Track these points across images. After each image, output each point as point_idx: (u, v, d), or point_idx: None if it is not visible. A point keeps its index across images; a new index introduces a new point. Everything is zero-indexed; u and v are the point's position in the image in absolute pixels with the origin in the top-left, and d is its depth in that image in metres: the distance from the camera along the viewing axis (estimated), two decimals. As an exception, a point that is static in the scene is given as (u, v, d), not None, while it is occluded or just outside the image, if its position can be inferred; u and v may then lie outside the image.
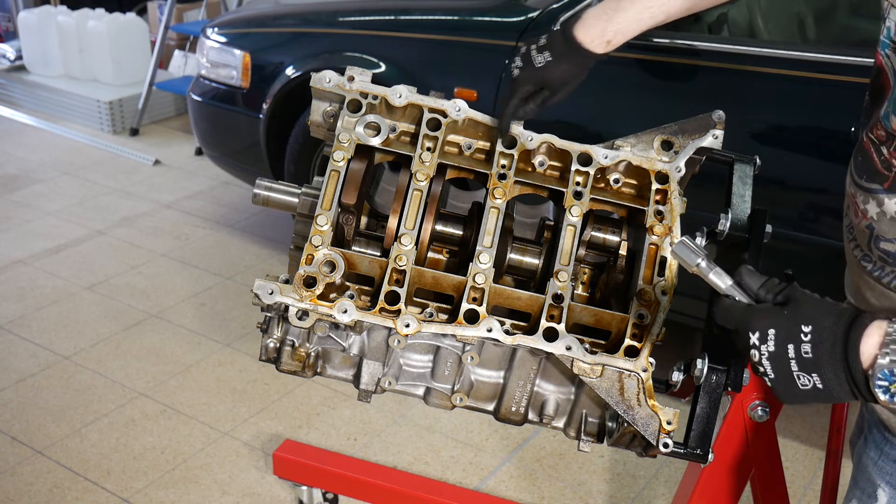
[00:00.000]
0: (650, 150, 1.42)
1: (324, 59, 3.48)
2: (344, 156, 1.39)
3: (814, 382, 0.97)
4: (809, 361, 0.97)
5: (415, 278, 1.35)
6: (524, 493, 2.75)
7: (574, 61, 1.37)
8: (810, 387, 0.97)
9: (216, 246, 4.22)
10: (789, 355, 0.97)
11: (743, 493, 1.78)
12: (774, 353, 0.98)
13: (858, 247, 1.29)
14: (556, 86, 1.39)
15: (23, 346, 3.40)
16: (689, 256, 1.07)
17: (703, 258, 1.06)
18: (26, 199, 4.69)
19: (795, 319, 0.98)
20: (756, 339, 0.99)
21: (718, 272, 1.06)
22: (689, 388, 1.36)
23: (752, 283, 1.05)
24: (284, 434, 2.95)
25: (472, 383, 1.44)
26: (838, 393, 0.97)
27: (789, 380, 0.98)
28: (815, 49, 2.81)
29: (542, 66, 1.37)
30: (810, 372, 0.97)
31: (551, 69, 1.37)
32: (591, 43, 1.36)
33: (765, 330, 0.99)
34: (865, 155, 1.26)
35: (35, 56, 6.05)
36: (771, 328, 0.98)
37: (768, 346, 0.98)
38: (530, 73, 1.38)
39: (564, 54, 1.37)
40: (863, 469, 1.36)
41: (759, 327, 0.99)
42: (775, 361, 0.98)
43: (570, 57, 1.37)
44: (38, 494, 2.68)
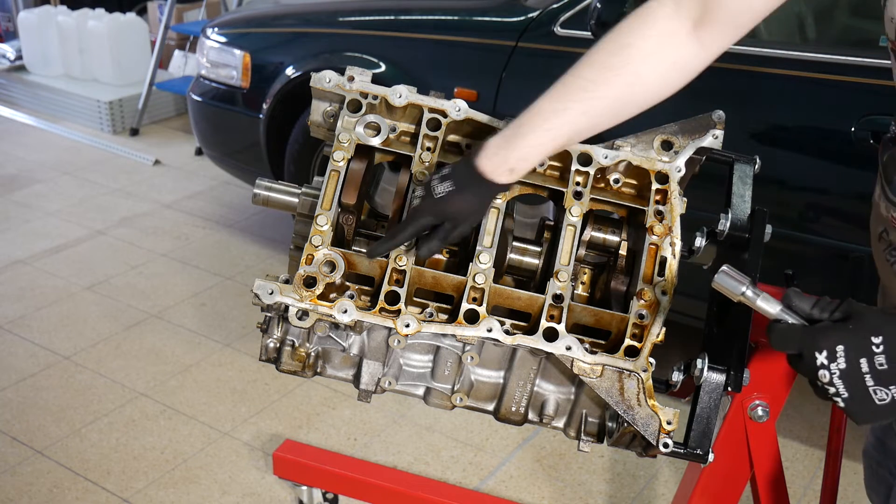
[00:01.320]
0: (650, 150, 1.42)
1: (324, 59, 3.48)
2: (344, 156, 1.39)
3: (892, 395, 0.93)
4: (885, 373, 0.93)
5: (415, 278, 1.35)
6: (524, 493, 2.75)
7: (476, 192, 1.28)
8: (888, 400, 0.94)
9: (216, 246, 4.22)
10: (863, 370, 0.93)
11: (743, 493, 1.78)
12: (846, 370, 0.94)
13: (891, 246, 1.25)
14: (458, 218, 1.29)
15: (23, 346, 3.40)
16: (732, 286, 1.03)
17: (747, 286, 1.03)
18: (26, 199, 4.69)
19: (863, 332, 0.94)
20: (824, 358, 0.94)
21: (766, 297, 1.02)
22: (689, 388, 1.36)
23: (803, 304, 1.00)
24: (284, 434, 2.95)
25: (472, 383, 1.44)
26: None
27: (865, 396, 0.94)
28: (815, 49, 2.81)
29: (442, 196, 1.27)
30: (887, 384, 0.93)
31: (452, 200, 1.27)
32: (492, 173, 1.26)
33: (832, 347, 0.94)
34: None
35: (35, 56, 6.05)
36: (839, 344, 0.94)
37: (839, 364, 0.94)
38: (430, 204, 1.28)
39: (467, 185, 1.27)
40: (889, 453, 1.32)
41: (825, 346, 0.94)
42: (848, 379, 0.94)
43: (473, 188, 1.27)
44: (38, 494, 2.68)
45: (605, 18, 2.77)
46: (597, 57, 1.25)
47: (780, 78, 2.71)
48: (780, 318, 1.00)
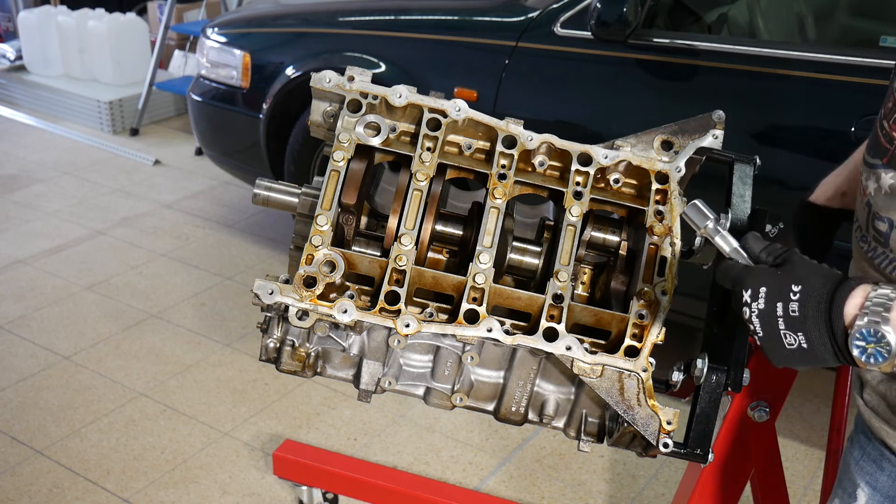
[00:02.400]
0: (650, 150, 1.42)
1: (324, 59, 3.48)
2: (344, 156, 1.39)
3: (799, 342, 0.99)
4: (796, 320, 0.99)
5: (415, 278, 1.35)
6: (524, 493, 2.75)
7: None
8: (796, 346, 1.00)
9: (216, 246, 4.22)
10: (777, 313, 1.00)
11: (743, 493, 1.78)
12: (764, 310, 1.01)
13: (859, 227, 1.29)
14: None
15: (23, 346, 3.40)
16: (698, 218, 1.11)
17: (711, 220, 1.10)
18: (26, 199, 4.69)
19: (787, 279, 1.00)
20: (748, 296, 1.02)
21: (724, 235, 1.10)
22: (689, 388, 1.36)
23: (755, 246, 1.08)
24: (284, 434, 2.95)
25: (472, 383, 1.44)
26: (822, 353, 0.99)
27: (777, 338, 1.00)
28: (815, 49, 2.81)
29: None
30: (796, 331, 0.99)
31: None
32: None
33: (757, 288, 1.01)
34: (874, 133, 1.27)
35: (35, 56, 6.05)
36: (763, 286, 1.01)
37: (759, 304, 1.01)
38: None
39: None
40: (846, 469, 1.37)
41: (751, 285, 1.02)
42: (764, 319, 1.01)
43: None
44: (38, 494, 2.68)
45: (605, 18, 2.78)
46: None
47: (780, 78, 2.71)
48: (732, 257, 1.09)
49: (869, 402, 1.31)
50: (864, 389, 1.33)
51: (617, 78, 2.96)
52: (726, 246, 1.10)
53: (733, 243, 1.09)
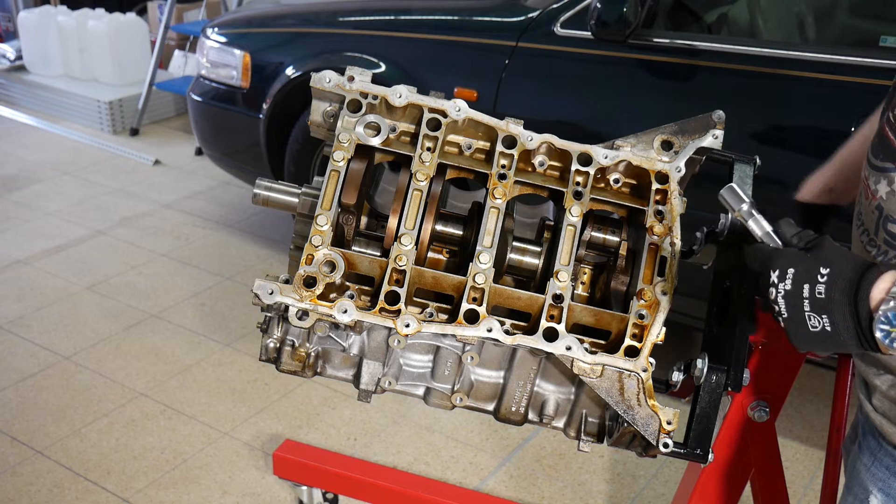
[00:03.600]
0: (650, 150, 1.42)
1: (324, 59, 3.48)
2: (344, 156, 1.39)
3: (823, 324, 0.99)
4: (822, 302, 0.99)
5: (415, 278, 1.35)
6: (524, 493, 2.75)
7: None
8: (819, 329, 0.99)
9: (216, 246, 4.22)
10: (804, 294, 1.00)
11: (743, 493, 1.78)
12: (790, 291, 1.01)
13: (866, 231, 1.29)
14: None
15: (23, 346, 3.40)
16: (734, 201, 1.12)
17: (747, 203, 1.12)
18: (26, 199, 4.69)
19: (816, 262, 1.01)
20: (776, 277, 1.02)
21: (758, 219, 1.11)
22: (689, 388, 1.36)
23: (787, 231, 1.09)
24: (284, 434, 2.95)
25: (472, 383, 1.44)
26: (845, 337, 0.98)
27: (800, 320, 1.00)
28: (815, 49, 2.81)
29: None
30: (821, 313, 0.99)
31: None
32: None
33: (784, 269, 1.02)
34: (883, 136, 1.26)
35: (35, 56, 6.05)
36: (791, 267, 1.01)
37: (785, 285, 1.01)
38: None
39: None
40: (856, 475, 1.36)
41: (780, 266, 1.02)
42: (790, 300, 1.01)
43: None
44: (38, 494, 2.68)
45: (605, 18, 2.78)
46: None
47: (780, 78, 2.71)
48: (763, 240, 1.10)
49: (879, 407, 1.30)
50: (872, 395, 1.32)
51: (617, 78, 2.96)
52: (759, 230, 1.11)
53: (766, 227, 1.11)
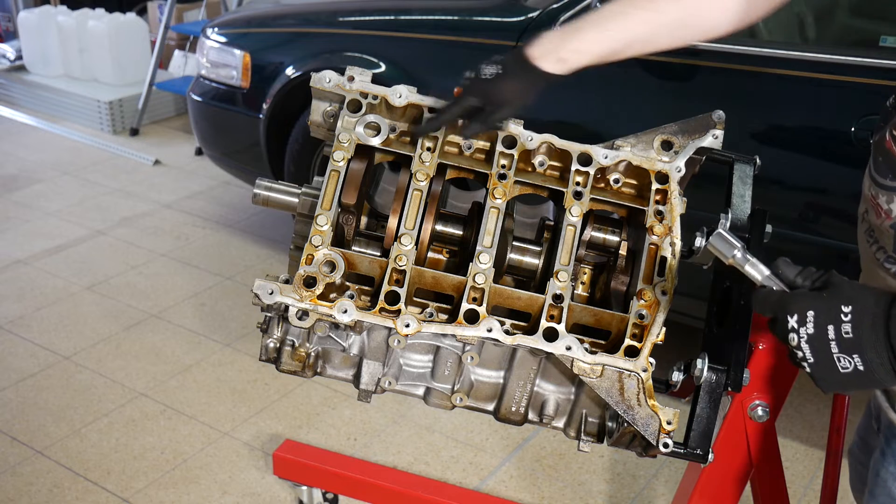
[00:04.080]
0: (650, 150, 1.42)
1: (324, 59, 3.48)
2: (344, 156, 1.39)
3: (854, 364, 0.95)
4: (850, 342, 0.94)
5: (415, 278, 1.35)
6: (524, 493, 2.75)
7: (522, 77, 1.29)
8: (851, 369, 0.95)
9: (216, 246, 4.22)
10: (829, 336, 0.95)
11: (743, 493, 1.78)
12: (814, 335, 0.96)
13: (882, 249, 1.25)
14: (501, 100, 1.31)
15: (23, 346, 3.40)
16: (725, 248, 1.08)
17: (739, 249, 1.07)
18: (26, 199, 4.69)
19: (835, 300, 0.96)
20: (795, 322, 0.97)
21: (754, 263, 1.06)
22: (689, 388, 1.36)
23: (788, 272, 1.04)
24: (284, 434, 2.95)
25: (472, 383, 1.45)
26: (881, 375, 0.94)
27: (829, 363, 0.96)
28: (815, 49, 2.81)
29: (487, 78, 1.30)
30: (851, 353, 0.95)
31: (497, 83, 1.30)
32: (540, 58, 1.28)
33: (803, 312, 0.97)
34: (888, 154, 1.22)
35: (35, 56, 6.05)
36: (810, 310, 0.97)
37: (807, 329, 0.97)
38: (475, 84, 1.31)
39: (513, 69, 1.30)
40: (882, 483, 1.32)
41: (797, 310, 0.97)
42: (815, 344, 0.96)
43: (519, 72, 1.29)
44: (38, 494, 2.68)
45: (605, 18, 2.77)
46: None
47: (780, 78, 2.71)
48: (766, 284, 1.04)
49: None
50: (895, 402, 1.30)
51: (617, 78, 2.96)
52: (758, 274, 1.05)
53: (765, 271, 1.05)
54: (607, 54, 1.31)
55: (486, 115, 1.32)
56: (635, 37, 1.29)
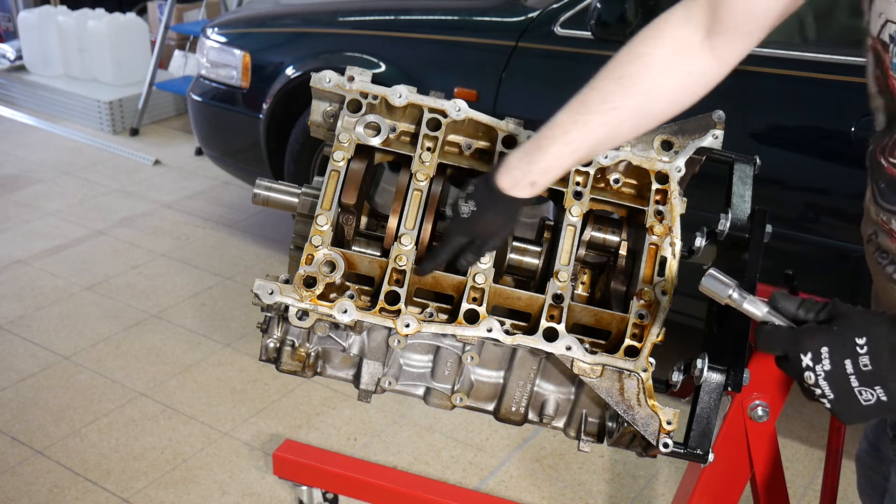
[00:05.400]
0: (650, 150, 1.42)
1: (324, 59, 3.48)
2: (344, 156, 1.39)
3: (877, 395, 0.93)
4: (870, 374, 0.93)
5: (415, 278, 1.35)
6: (524, 493, 2.75)
7: (499, 209, 1.28)
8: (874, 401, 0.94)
9: (216, 246, 4.22)
10: (847, 371, 0.93)
11: (743, 493, 1.78)
12: (831, 371, 0.94)
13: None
14: (485, 235, 1.30)
15: (23, 346, 3.40)
16: (719, 289, 1.04)
17: (734, 289, 1.04)
18: (26, 199, 4.69)
19: (847, 333, 0.94)
20: (809, 360, 0.95)
21: (752, 300, 1.03)
22: (689, 388, 1.36)
23: (788, 306, 1.01)
24: (284, 434, 2.95)
25: (472, 383, 1.45)
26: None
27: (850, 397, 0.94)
28: (815, 49, 2.81)
29: (467, 216, 1.29)
30: (872, 385, 0.93)
31: (477, 219, 1.29)
32: (512, 188, 1.26)
33: (818, 349, 0.95)
34: (890, 180, 1.18)
35: (35, 56, 6.05)
36: (824, 346, 0.94)
37: (823, 366, 0.94)
38: (458, 225, 1.31)
39: (488, 204, 1.28)
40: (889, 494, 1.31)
41: (811, 347, 0.95)
42: (834, 380, 0.94)
43: (495, 206, 1.28)
44: (38, 494, 2.68)
45: (605, 18, 2.77)
46: (613, 67, 1.24)
47: (780, 78, 2.71)
48: (767, 320, 1.01)
49: None
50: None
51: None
52: (758, 311, 1.02)
53: (764, 308, 1.02)
54: (573, 164, 1.28)
55: (478, 247, 1.32)
56: (598, 140, 1.25)
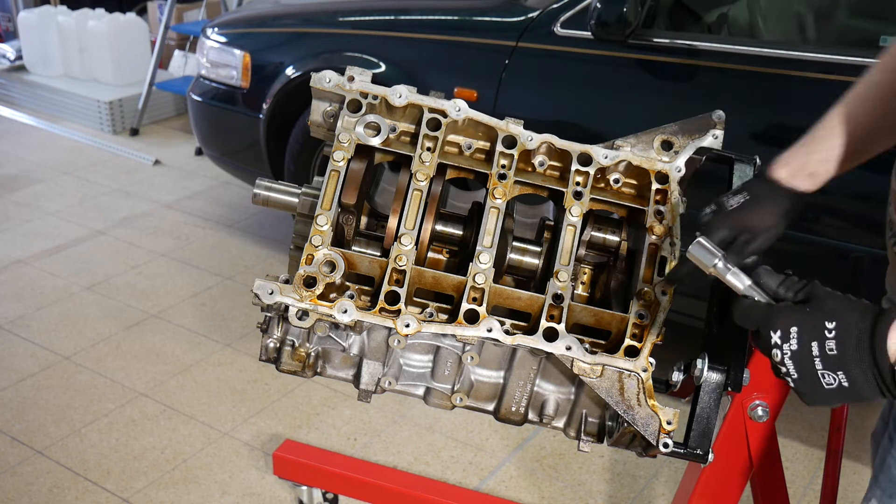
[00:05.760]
0: (650, 150, 1.42)
1: (324, 59, 3.48)
2: (344, 156, 1.39)
3: (839, 381, 0.95)
4: (834, 358, 0.94)
5: (415, 278, 1.35)
6: (524, 493, 2.75)
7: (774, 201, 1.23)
8: (836, 385, 0.95)
9: (216, 246, 4.22)
10: (813, 353, 0.95)
11: (743, 493, 1.78)
12: (798, 351, 0.96)
13: None
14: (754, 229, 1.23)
15: (23, 346, 3.40)
16: (705, 257, 1.06)
17: (720, 259, 1.05)
18: (26, 199, 4.69)
19: (818, 316, 0.96)
20: (778, 337, 0.97)
21: (736, 273, 1.05)
22: (689, 388, 1.36)
23: (770, 282, 1.03)
24: (284, 434, 2.95)
25: (472, 383, 1.44)
26: (865, 391, 0.94)
27: (814, 379, 0.96)
28: (815, 49, 2.81)
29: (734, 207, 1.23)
30: (835, 370, 0.94)
31: (747, 211, 1.23)
32: (790, 179, 1.23)
33: (787, 328, 0.97)
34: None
35: (35, 56, 6.05)
36: (793, 326, 0.96)
37: (791, 345, 0.96)
38: (723, 218, 1.23)
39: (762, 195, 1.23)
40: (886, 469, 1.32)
41: (780, 326, 0.97)
42: (799, 360, 0.96)
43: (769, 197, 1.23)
44: (38, 494, 2.68)
45: (605, 18, 2.78)
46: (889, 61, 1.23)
47: (780, 78, 2.71)
48: (748, 294, 1.03)
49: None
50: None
51: (617, 78, 2.96)
52: (739, 284, 1.04)
53: (746, 281, 1.04)
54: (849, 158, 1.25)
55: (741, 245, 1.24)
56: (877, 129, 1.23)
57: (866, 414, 3.12)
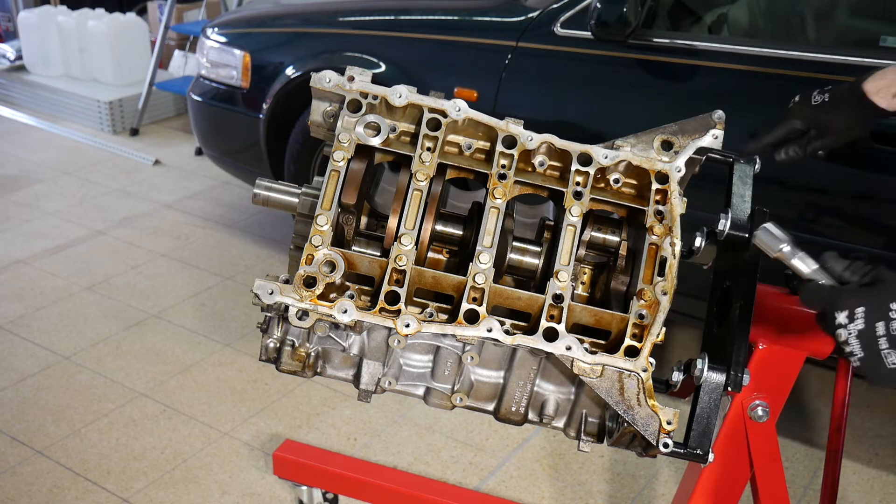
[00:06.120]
0: (650, 150, 1.42)
1: (324, 59, 3.48)
2: (344, 156, 1.39)
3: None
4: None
5: (415, 278, 1.35)
6: (524, 493, 2.75)
7: (852, 107, 1.30)
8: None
9: (216, 246, 4.22)
10: (878, 333, 0.98)
11: (743, 493, 1.78)
12: (863, 331, 0.99)
13: None
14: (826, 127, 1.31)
15: (23, 346, 3.40)
16: (772, 242, 1.09)
17: (787, 243, 1.09)
18: (26, 199, 4.69)
19: (885, 297, 0.98)
20: (844, 318, 1.00)
21: (802, 257, 1.08)
22: (689, 388, 1.36)
23: (836, 266, 1.06)
24: (284, 434, 2.95)
25: (472, 383, 1.45)
26: None
27: (877, 358, 0.98)
28: (815, 49, 2.81)
29: (817, 104, 1.31)
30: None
31: (826, 110, 1.30)
32: (875, 93, 1.28)
33: (853, 308, 0.99)
34: None
35: (35, 56, 6.06)
36: (859, 306, 0.99)
37: (856, 325, 0.99)
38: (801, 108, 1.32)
39: (844, 98, 1.30)
40: None
41: (846, 306, 1.00)
42: (864, 340, 0.99)
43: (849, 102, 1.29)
44: (38, 494, 2.68)
45: (605, 18, 2.78)
46: None
47: (780, 78, 2.71)
48: (813, 278, 1.06)
49: None
50: None
51: (617, 78, 2.96)
52: (806, 268, 1.07)
53: (813, 264, 1.07)
54: None
55: (808, 140, 1.32)
56: None
57: (866, 414, 3.13)
